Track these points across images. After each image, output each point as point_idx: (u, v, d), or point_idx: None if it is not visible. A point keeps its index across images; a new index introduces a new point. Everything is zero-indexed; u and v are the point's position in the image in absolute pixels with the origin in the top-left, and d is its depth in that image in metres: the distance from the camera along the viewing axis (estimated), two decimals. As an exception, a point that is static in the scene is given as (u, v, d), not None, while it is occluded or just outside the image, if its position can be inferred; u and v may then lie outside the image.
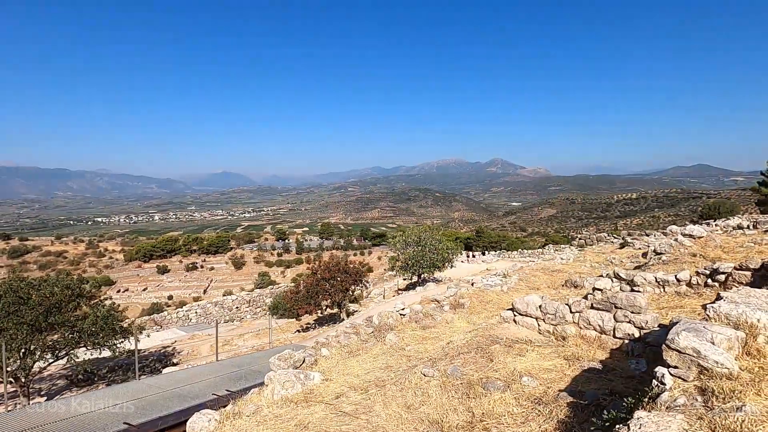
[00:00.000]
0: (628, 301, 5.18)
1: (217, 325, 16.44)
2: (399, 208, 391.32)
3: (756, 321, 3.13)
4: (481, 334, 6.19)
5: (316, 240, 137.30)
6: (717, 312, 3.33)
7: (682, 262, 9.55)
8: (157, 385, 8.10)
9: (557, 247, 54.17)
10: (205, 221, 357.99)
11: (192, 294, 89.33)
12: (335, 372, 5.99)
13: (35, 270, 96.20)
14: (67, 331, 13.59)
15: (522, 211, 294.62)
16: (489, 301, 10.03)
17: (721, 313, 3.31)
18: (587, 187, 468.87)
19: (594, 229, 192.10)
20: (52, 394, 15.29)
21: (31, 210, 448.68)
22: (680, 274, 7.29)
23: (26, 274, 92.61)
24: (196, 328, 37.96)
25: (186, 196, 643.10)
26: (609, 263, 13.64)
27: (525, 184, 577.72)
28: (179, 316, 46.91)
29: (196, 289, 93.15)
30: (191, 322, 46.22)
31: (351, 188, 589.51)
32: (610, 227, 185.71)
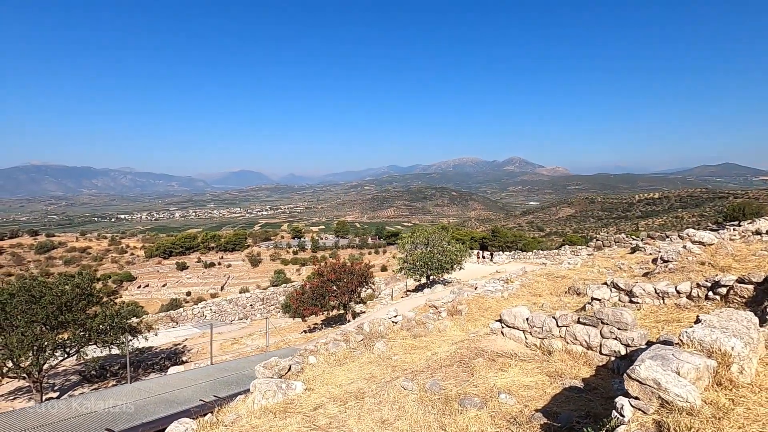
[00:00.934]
0: (614, 317, 5.00)
1: (212, 327, 16.66)
2: (415, 206, 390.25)
3: (730, 349, 2.96)
4: (466, 346, 6.08)
5: (331, 238, 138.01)
6: (690, 338, 3.17)
7: (689, 270, 9.20)
8: (146, 389, 8.22)
9: (574, 248, 53.12)
10: (223, 219, 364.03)
11: (209, 290, 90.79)
12: (319, 381, 5.97)
13: (61, 265, 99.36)
14: (78, 329, 13.97)
15: (540, 211, 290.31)
16: (488, 308, 9.87)
17: (694, 339, 3.14)
18: (607, 187, 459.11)
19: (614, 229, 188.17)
20: (65, 390, 15.76)
21: (58, 207, 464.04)
22: (680, 285, 7.01)
23: (52, 269, 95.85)
24: (216, 325, 38.58)
25: (205, 194, 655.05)
26: (617, 269, 13.26)
27: (543, 183, 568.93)
28: (194, 313, 47.80)
29: (213, 286, 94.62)
30: (206, 319, 47.04)
31: (367, 187, 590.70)
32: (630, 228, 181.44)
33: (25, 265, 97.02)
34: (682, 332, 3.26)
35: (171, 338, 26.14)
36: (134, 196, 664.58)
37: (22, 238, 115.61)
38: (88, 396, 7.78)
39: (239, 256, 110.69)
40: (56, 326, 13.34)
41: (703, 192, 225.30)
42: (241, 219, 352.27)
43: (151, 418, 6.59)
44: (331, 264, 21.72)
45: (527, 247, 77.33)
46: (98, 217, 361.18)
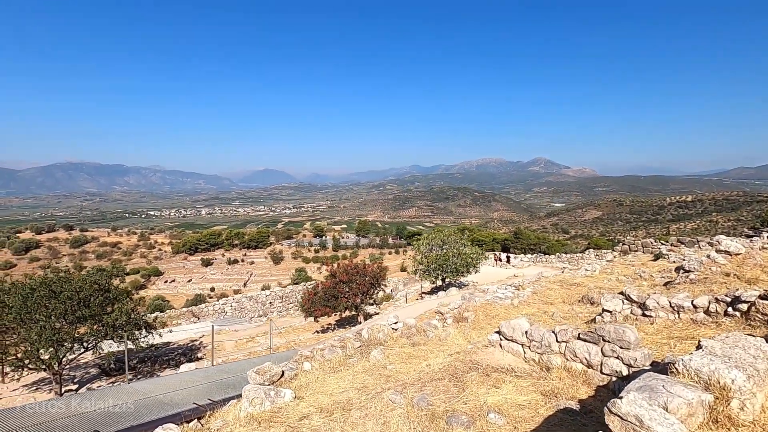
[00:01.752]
0: (616, 335, 4.67)
1: (213, 328, 16.83)
2: (437, 207, 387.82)
3: (730, 382, 2.64)
4: (461, 359, 5.84)
5: (352, 237, 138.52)
6: (686, 367, 2.87)
7: (711, 282, 8.65)
8: (144, 389, 8.30)
9: (598, 252, 51.54)
10: (248, 216, 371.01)
11: (233, 287, 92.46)
12: (310, 389, 5.86)
13: (93, 259, 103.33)
14: (94, 324, 14.39)
15: (565, 213, 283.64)
16: (495, 315, 9.55)
17: (690, 369, 2.84)
18: (637, 189, 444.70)
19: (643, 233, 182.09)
20: (84, 382, 16.28)
21: (92, 203, 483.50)
22: (697, 299, 6.55)
23: (85, 262, 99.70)
24: (230, 322, 39.31)
25: (231, 192, 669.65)
26: (637, 277, 12.66)
27: (569, 185, 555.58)
28: (215, 309, 48.78)
29: (236, 282, 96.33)
30: (226, 315, 47.95)
31: (389, 186, 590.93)
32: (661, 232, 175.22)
33: (60, 259, 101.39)
34: (678, 360, 2.96)
35: (189, 334, 26.74)
36: (163, 194, 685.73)
37: (58, 233, 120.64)
38: (87, 395, 7.92)
39: (262, 253, 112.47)
40: (74, 321, 13.78)
41: (740, 195, 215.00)
42: (265, 217, 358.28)
43: (141, 420, 6.65)
44: (344, 265, 21.70)
45: (550, 250, 75.63)
46: (129, 213, 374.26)
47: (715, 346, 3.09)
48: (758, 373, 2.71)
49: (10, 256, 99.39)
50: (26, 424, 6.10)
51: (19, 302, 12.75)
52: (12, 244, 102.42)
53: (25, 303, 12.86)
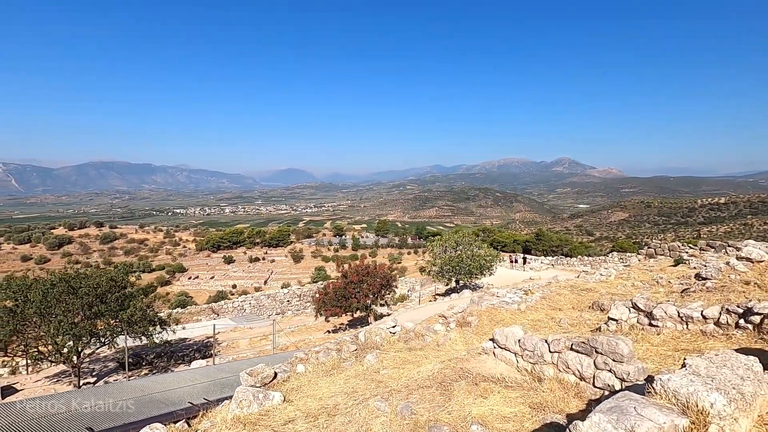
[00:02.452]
0: (609, 347, 4.45)
1: (214, 327, 17.03)
2: (457, 207, 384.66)
3: (708, 405, 2.43)
4: (452, 366, 5.70)
5: (372, 237, 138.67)
6: (664, 387, 2.68)
7: (729, 291, 8.20)
8: (143, 387, 8.46)
9: (622, 255, 50.06)
10: (270, 215, 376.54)
11: (254, 284, 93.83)
12: (301, 393, 5.84)
13: (121, 255, 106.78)
14: (111, 319, 14.83)
15: (589, 214, 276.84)
16: (500, 320, 9.33)
17: (668, 389, 2.65)
18: (666, 190, 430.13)
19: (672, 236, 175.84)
20: (102, 375, 16.80)
21: (122, 200, 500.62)
22: (707, 310, 6.20)
23: (114, 258, 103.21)
24: (247, 320, 39.96)
25: (254, 191, 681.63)
26: (654, 283, 12.16)
27: (594, 186, 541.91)
28: (234, 306, 49.68)
29: (257, 280, 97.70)
30: (245, 313, 48.77)
31: (410, 186, 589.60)
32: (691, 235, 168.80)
33: (90, 254, 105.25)
34: (656, 379, 2.77)
35: (205, 331, 27.23)
36: (189, 192, 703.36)
37: (89, 229, 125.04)
38: (88, 392, 8.13)
39: (282, 251, 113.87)
40: (91, 316, 14.24)
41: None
42: (286, 216, 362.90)
43: (134, 419, 6.76)
44: (355, 266, 21.71)
45: (573, 252, 73.82)
46: (156, 211, 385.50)
47: (699, 365, 2.88)
48: (742, 397, 2.50)
49: (44, 251, 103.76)
50: (20, 420, 6.30)
51: (39, 297, 13.27)
52: (46, 240, 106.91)
53: (45, 298, 13.38)
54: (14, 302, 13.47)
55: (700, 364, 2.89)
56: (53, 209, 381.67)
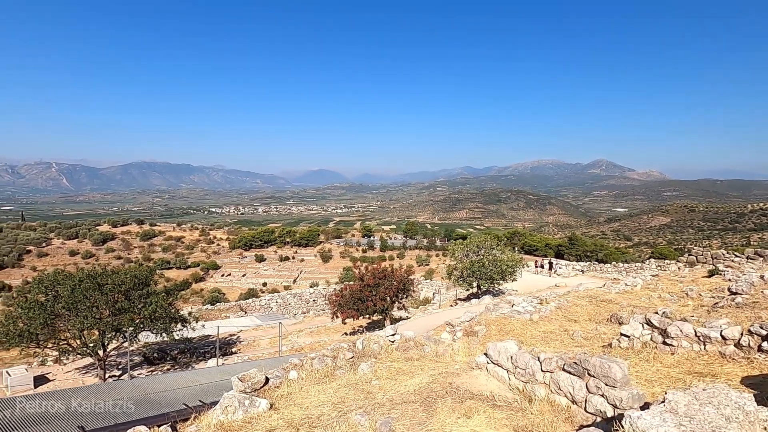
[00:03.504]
0: (601, 369, 4.11)
1: (218, 329, 17.24)
2: (488, 209, 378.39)
3: None
4: (441, 380, 5.46)
5: (400, 238, 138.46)
6: (633, 427, 2.39)
7: (761, 308, 7.51)
8: (143, 386, 8.63)
9: (661, 262, 47.63)
10: (301, 215, 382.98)
11: (283, 283, 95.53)
12: (289, 400, 5.76)
13: (159, 251, 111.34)
14: (134, 315, 15.40)
15: (628, 219, 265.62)
16: (509, 331, 8.95)
17: (637, 429, 2.36)
18: (712, 194, 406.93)
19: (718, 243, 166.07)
20: (127, 369, 17.46)
21: (162, 199, 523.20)
22: (727, 330, 5.67)
23: (153, 254, 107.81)
24: (272, 318, 40.67)
25: (286, 191, 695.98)
26: (683, 296, 11.37)
27: (633, 189, 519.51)
28: (261, 304, 50.74)
29: (287, 279, 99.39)
30: (271, 311, 49.72)
31: (440, 188, 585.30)
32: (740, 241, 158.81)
33: (131, 250, 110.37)
34: (626, 416, 2.49)
35: (231, 329, 27.91)
36: (224, 192, 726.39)
37: (131, 227, 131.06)
38: (90, 389, 8.40)
39: (312, 251, 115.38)
40: (116, 312, 14.83)
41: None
42: (317, 216, 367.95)
43: (126, 419, 6.89)
44: (372, 269, 21.59)
45: (608, 258, 70.89)
46: (194, 210, 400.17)
47: (679, 402, 2.56)
48: (722, 443, 2.18)
49: (90, 246, 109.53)
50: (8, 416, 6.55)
51: (68, 292, 13.94)
52: (92, 236, 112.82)
53: (73, 293, 14.04)
54: (45, 297, 14.24)
55: (680, 401, 2.57)
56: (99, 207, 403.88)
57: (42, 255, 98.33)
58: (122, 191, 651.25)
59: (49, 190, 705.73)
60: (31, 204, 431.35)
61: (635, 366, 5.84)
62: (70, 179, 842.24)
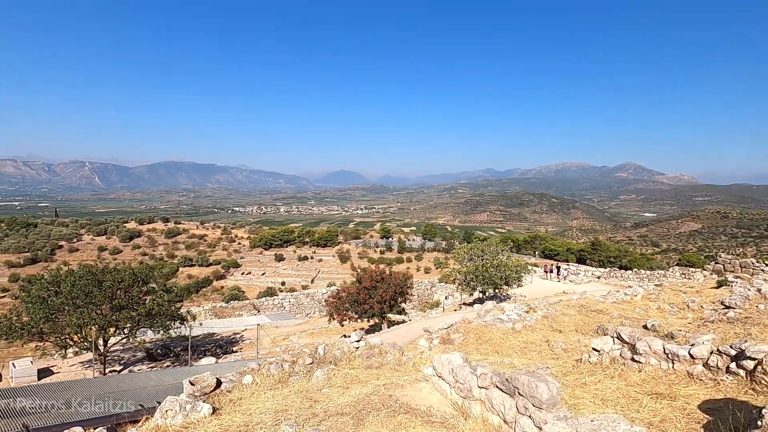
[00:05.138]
0: (529, 389, 3.84)
1: (188, 330, 17.33)
2: (510, 212, 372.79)
3: None
4: (380, 392, 5.27)
5: (418, 240, 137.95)
6: None
7: (753, 323, 6.99)
8: (109, 384, 8.70)
9: (686, 270, 45.76)
10: (322, 215, 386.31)
11: (301, 282, 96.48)
12: (236, 406, 5.69)
13: (183, 249, 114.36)
14: (132, 312, 15.73)
15: (656, 224, 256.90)
16: (488, 340, 8.65)
17: None
18: (747, 199, 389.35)
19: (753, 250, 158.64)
20: (128, 364, 17.90)
21: (188, 198, 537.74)
22: (696, 348, 5.25)
23: (176, 252, 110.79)
24: (282, 317, 41.09)
25: (308, 191, 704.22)
26: (684, 307, 10.77)
27: (662, 193, 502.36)
28: (275, 303, 51.31)
29: (305, 278, 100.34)
30: (284, 310, 50.21)
31: (461, 190, 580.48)
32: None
33: (156, 247, 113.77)
34: None
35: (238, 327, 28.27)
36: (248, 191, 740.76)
37: (157, 224, 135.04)
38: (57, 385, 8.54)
39: (330, 251, 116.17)
40: (115, 308, 15.20)
41: None
42: (337, 216, 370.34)
43: (73, 419, 6.92)
44: (370, 271, 21.46)
45: (632, 264, 68.62)
46: (218, 209, 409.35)
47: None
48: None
49: (117, 243, 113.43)
50: None
51: (68, 288, 14.36)
52: (120, 233, 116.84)
53: (72, 289, 14.46)
54: (47, 292, 14.72)
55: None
56: (129, 205, 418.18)
57: (73, 250, 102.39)
58: (150, 190, 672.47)
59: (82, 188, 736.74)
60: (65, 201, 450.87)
61: (598, 383, 5.51)
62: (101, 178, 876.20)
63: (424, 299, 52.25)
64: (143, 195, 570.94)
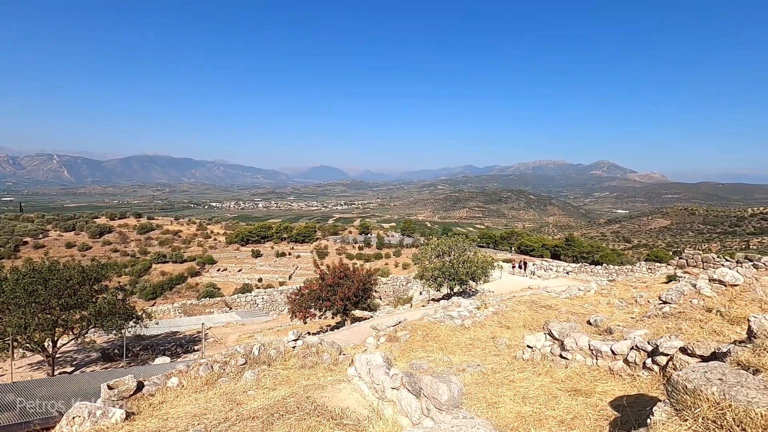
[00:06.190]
0: (431, 389, 3.77)
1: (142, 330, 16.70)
2: (489, 209, 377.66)
3: None
4: (300, 394, 5.13)
5: (397, 236, 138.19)
6: None
7: (686, 318, 7.15)
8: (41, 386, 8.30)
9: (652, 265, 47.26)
10: (301, 211, 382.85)
11: (279, 278, 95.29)
12: (155, 410, 5.45)
13: (156, 245, 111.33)
14: (80, 312, 15.11)
15: (628, 220, 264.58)
16: (435, 337, 8.61)
17: None
18: (714, 197, 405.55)
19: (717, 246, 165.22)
20: (81, 365, 17.23)
21: (162, 193, 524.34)
22: (617, 345, 5.31)
23: (149, 248, 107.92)
24: (253, 315, 40.43)
25: (287, 187, 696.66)
26: (633, 302, 11.00)
27: (634, 191, 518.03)
28: (248, 300, 50.46)
29: (282, 275, 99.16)
30: (257, 307, 49.45)
31: (441, 186, 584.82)
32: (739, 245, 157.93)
33: (128, 243, 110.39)
34: None
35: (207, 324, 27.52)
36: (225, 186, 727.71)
37: (128, 220, 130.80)
38: None
39: (308, 248, 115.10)
40: (61, 307, 14.56)
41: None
42: (317, 212, 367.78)
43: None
44: (334, 267, 21.28)
45: (604, 260, 70.45)
46: (194, 204, 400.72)
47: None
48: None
49: (87, 239, 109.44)
50: None
51: (10, 287, 13.67)
52: (89, 229, 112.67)
53: (14, 289, 13.79)
54: (-12, 292, 14.00)
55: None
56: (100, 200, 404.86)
57: (39, 247, 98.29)
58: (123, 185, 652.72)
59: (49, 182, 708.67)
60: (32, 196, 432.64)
61: (525, 380, 5.50)
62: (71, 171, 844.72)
63: (400, 295, 52.38)
64: (115, 190, 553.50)
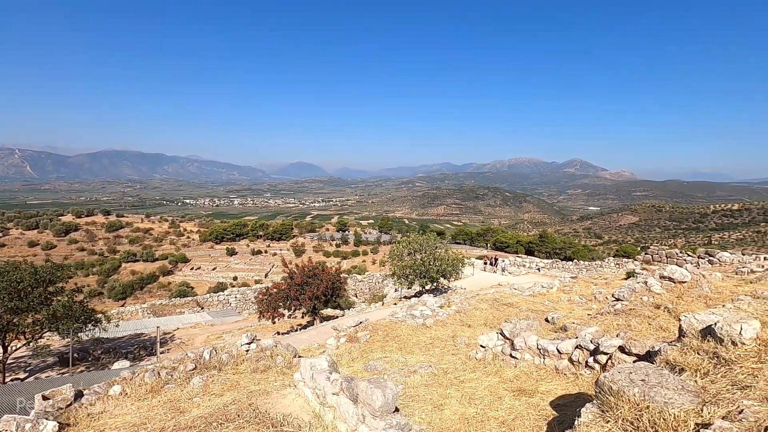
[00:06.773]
0: (365, 395, 3.73)
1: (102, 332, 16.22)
2: (466, 206, 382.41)
3: None
4: (243, 400, 5.02)
5: (374, 233, 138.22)
6: None
7: (635, 315, 7.37)
8: None
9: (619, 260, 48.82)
10: (278, 208, 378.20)
11: (255, 277, 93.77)
12: (92, 421, 5.22)
13: (126, 243, 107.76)
14: (33, 315, 14.43)
15: (599, 217, 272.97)
16: (396, 337, 8.59)
17: None
18: (679, 195, 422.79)
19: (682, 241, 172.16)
20: (36, 371, 16.50)
21: (133, 189, 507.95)
22: (562, 344, 5.42)
23: (119, 246, 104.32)
24: (224, 314, 39.68)
25: (264, 184, 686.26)
26: (592, 298, 11.29)
27: (605, 188, 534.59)
28: (220, 300, 49.42)
29: (258, 273, 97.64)
30: (230, 306, 48.50)
31: (419, 183, 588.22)
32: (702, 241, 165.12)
33: (96, 242, 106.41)
34: None
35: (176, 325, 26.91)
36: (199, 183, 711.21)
37: (96, 217, 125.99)
38: None
39: (285, 245, 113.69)
40: (12, 312, 13.87)
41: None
42: (294, 209, 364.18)
43: None
44: (303, 266, 21.08)
45: (575, 256, 72.42)
46: (167, 201, 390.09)
47: None
48: None
49: (51, 237, 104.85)
50: None
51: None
52: (53, 227, 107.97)
53: (-41, 292, 13.05)
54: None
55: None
56: (66, 196, 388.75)
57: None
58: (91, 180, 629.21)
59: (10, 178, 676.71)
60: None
61: (475, 380, 5.54)
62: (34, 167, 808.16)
63: (376, 292, 52.36)
64: (83, 186, 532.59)
